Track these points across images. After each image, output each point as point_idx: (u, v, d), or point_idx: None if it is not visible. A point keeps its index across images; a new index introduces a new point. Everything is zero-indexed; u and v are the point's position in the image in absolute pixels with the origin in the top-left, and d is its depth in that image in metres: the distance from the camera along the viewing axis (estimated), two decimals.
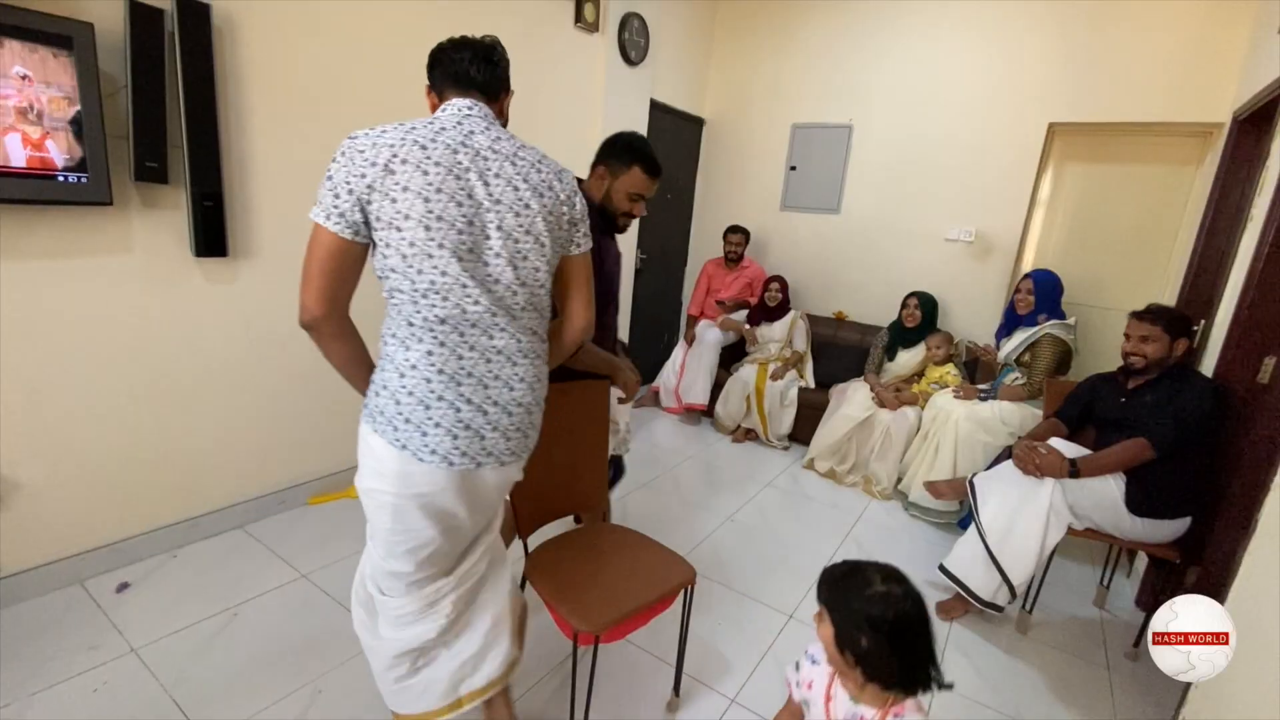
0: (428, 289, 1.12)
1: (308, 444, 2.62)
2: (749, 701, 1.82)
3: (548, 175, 1.23)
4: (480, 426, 1.18)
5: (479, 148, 1.16)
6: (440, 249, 1.10)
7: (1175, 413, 2.00)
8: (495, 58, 1.32)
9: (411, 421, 1.15)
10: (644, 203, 1.81)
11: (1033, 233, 3.72)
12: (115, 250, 1.97)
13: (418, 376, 1.14)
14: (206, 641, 1.85)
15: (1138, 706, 1.93)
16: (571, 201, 1.26)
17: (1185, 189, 3.29)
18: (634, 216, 1.83)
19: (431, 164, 1.10)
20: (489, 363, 1.18)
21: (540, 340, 1.28)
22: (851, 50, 4.05)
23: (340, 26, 2.39)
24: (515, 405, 1.23)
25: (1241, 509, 1.83)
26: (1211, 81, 3.05)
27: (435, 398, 1.15)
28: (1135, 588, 2.56)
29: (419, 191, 1.08)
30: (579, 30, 3.42)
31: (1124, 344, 2.19)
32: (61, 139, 1.74)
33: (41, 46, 1.67)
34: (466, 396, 1.16)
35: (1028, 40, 3.51)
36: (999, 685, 1.98)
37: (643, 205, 1.81)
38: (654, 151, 1.79)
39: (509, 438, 1.23)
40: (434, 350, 1.14)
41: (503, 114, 1.34)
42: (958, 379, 3.32)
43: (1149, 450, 2.01)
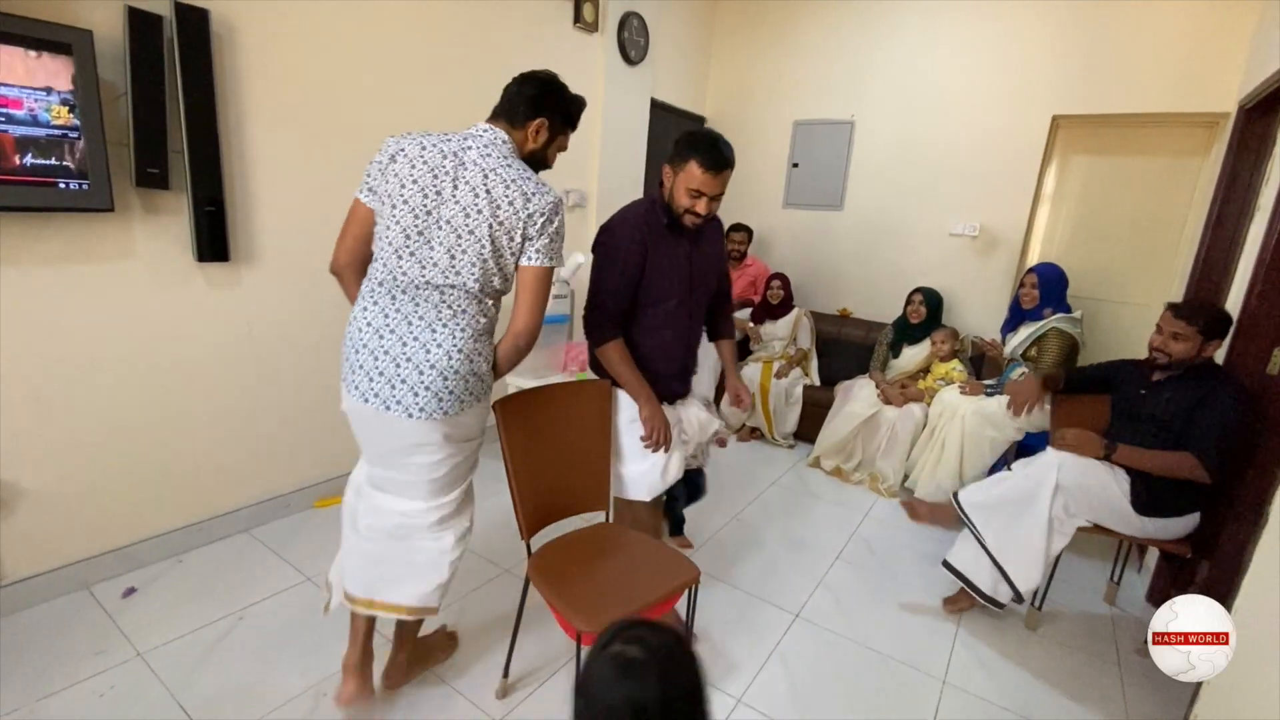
0: (380, 254, 1.40)
1: (313, 447, 2.63)
2: (755, 701, 1.81)
3: (513, 194, 1.39)
4: (392, 376, 1.38)
5: (465, 159, 1.39)
6: (397, 225, 1.36)
7: (1217, 425, 1.90)
8: (514, 86, 1.52)
9: (348, 361, 1.43)
10: (707, 200, 1.73)
11: (1038, 226, 3.69)
12: (118, 256, 1.98)
13: (355, 327, 1.42)
14: (212, 646, 1.86)
15: (1150, 704, 1.91)
16: (532, 220, 1.41)
17: (1192, 180, 3.25)
18: (700, 216, 1.76)
19: (420, 161, 1.37)
20: (410, 325, 1.39)
21: (472, 321, 1.43)
22: (852, 45, 4.03)
23: (339, 29, 2.40)
24: (429, 367, 1.38)
25: (1253, 502, 1.81)
26: (1217, 71, 3.02)
27: (362, 344, 1.40)
28: (1147, 583, 2.53)
29: (401, 178, 1.37)
30: (578, 30, 3.41)
31: (1154, 336, 2.10)
32: (62, 146, 1.75)
33: (42, 53, 1.68)
34: (385, 348, 1.39)
35: (1031, 32, 3.48)
36: (1008, 683, 1.96)
37: (706, 203, 1.74)
38: (720, 145, 1.70)
39: (417, 394, 1.39)
40: (368, 307, 1.41)
41: (526, 140, 1.51)
42: (963, 375, 3.30)
43: (1200, 470, 1.88)
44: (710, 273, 1.98)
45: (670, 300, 1.86)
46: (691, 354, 2.02)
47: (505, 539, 2.40)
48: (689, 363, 2.03)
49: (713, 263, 1.99)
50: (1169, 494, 1.98)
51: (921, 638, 2.15)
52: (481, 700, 1.74)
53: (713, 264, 1.99)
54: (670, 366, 1.94)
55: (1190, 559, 2.10)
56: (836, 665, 1.98)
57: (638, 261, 1.78)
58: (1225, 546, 1.95)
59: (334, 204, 2.49)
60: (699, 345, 2.05)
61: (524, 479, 1.65)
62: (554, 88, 1.54)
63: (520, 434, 1.66)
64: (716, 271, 2.03)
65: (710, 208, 1.76)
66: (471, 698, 1.74)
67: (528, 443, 1.68)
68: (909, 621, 2.23)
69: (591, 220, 3.72)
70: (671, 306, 1.87)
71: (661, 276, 1.82)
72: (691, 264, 1.88)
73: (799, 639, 2.09)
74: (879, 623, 2.20)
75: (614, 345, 1.82)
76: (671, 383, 1.98)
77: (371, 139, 2.58)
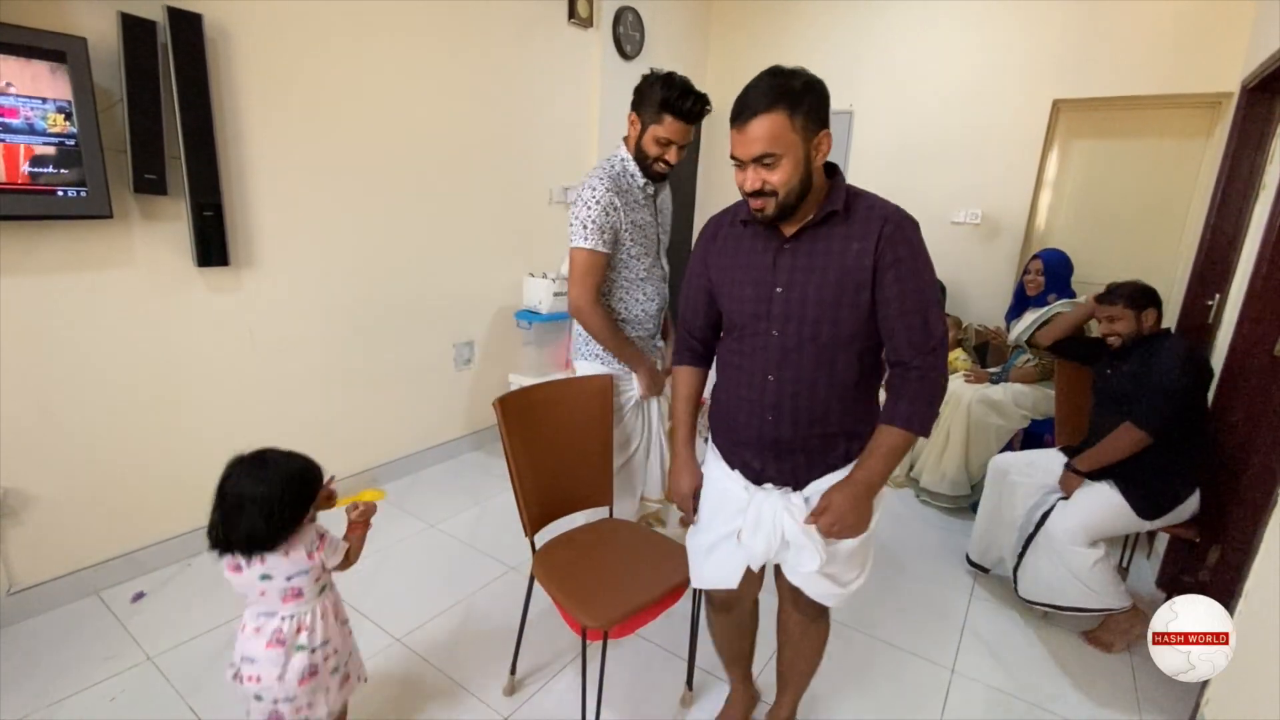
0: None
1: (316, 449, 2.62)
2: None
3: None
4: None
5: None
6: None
7: (1155, 387, 1.96)
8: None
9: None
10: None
11: (1040, 212, 3.67)
12: (117, 263, 1.98)
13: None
14: (221, 648, 1.86)
15: (1161, 691, 1.89)
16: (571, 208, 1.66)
17: (1195, 161, 3.22)
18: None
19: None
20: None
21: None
22: (849, 35, 4.00)
23: (332, 30, 2.39)
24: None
25: (1261, 485, 1.79)
26: (1219, 50, 2.98)
27: None
28: (1156, 569, 2.51)
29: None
30: (573, 26, 3.40)
31: (1099, 326, 2.21)
32: (59, 154, 1.75)
33: (36, 61, 1.68)
34: None
35: (1028, 15, 3.45)
36: (1018, 672, 1.96)
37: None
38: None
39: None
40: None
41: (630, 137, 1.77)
42: (966, 364, 3.28)
43: (1137, 432, 1.96)
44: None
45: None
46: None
47: (510, 538, 2.41)
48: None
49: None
50: (1167, 488, 1.98)
51: (929, 627, 2.14)
52: (489, 697, 1.74)
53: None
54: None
55: (1199, 542, 2.08)
56: (844, 654, 1.97)
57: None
58: (1234, 529, 1.93)
59: (332, 205, 2.52)
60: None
61: (526, 476, 1.65)
62: (646, 80, 1.64)
63: (522, 431, 1.66)
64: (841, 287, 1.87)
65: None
66: (480, 695, 1.75)
67: (529, 440, 1.68)
68: (916, 611, 2.22)
69: None
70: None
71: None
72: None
73: None
74: (886, 612, 2.19)
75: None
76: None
77: (367, 137, 2.61)
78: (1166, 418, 1.94)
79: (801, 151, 1.11)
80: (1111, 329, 2.14)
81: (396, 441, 2.98)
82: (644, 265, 1.83)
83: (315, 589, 1.30)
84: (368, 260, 2.66)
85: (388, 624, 2.00)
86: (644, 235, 1.81)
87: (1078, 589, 1.98)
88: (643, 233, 1.81)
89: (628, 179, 1.76)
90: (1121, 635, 2.06)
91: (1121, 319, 2.11)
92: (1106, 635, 2.07)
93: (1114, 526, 2.03)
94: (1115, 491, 2.00)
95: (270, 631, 1.26)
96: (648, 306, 1.87)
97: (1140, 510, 1.97)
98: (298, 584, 1.26)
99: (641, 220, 1.79)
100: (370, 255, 2.67)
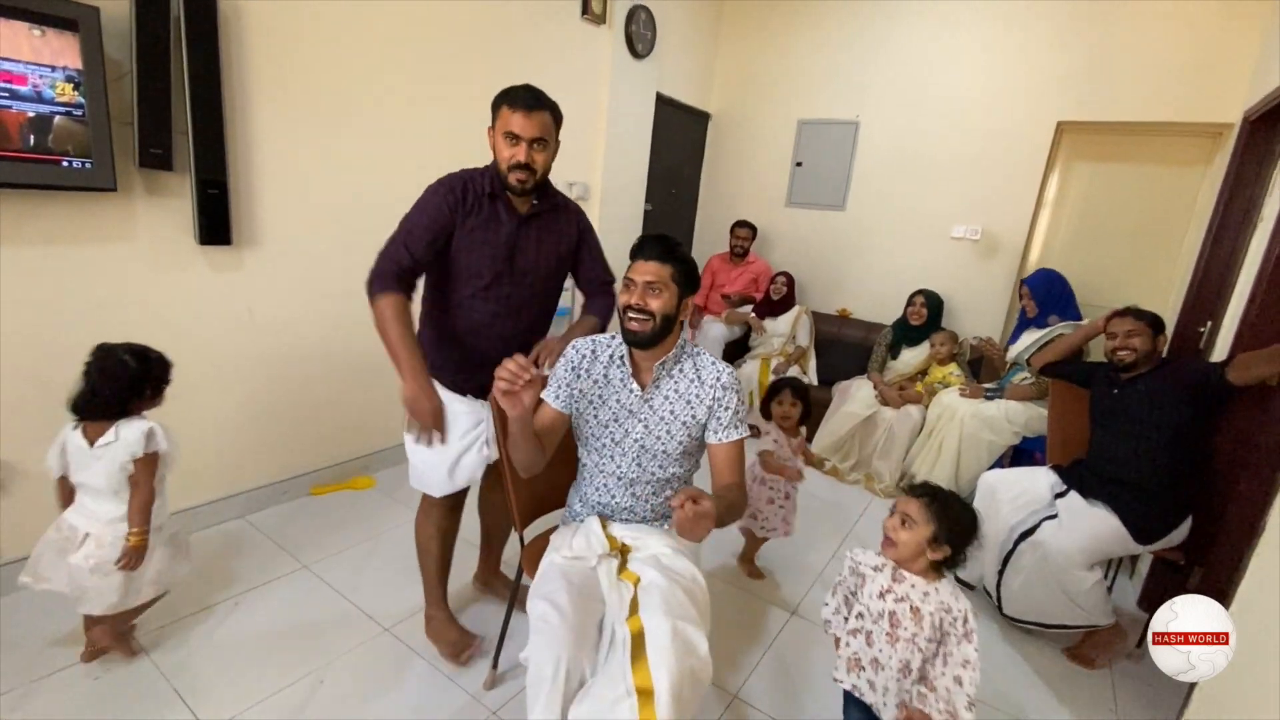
0: None
1: (311, 433, 2.62)
2: (751, 697, 1.81)
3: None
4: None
5: None
6: None
7: (1199, 365, 2.09)
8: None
9: None
10: (526, 146, 1.55)
11: (1039, 231, 3.71)
12: (119, 237, 1.96)
13: None
14: (208, 631, 1.85)
15: (1140, 708, 1.93)
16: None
17: (1193, 189, 3.27)
18: (525, 169, 1.57)
19: None
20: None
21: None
22: (859, 46, 4.03)
23: (347, 15, 2.37)
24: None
25: (1249, 511, 1.82)
26: (1222, 81, 3.03)
27: None
28: (1138, 589, 2.55)
29: None
30: (585, 22, 3.40)
31: (1109, 342, 2.24)
32: (66, 124, 1.73)
33: (47, 29, 1.66)
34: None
35: (1037, 38, 3.49)
36: (1000, 686, 1.98)
37: (526, 149, 1.56)
38: (529, 87, 1.58)
39: None
40: None
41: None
42: (960, 379, 3.31)
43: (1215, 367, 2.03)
44: (550, 257, 1.74)
45: (483, 278, 1.66)
46: (518, 344, 1.67)
47: None
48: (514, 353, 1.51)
49: (555, 249, 1.76)
50: (1164, 515, 2.01)
51: None
52: (476, 688, 1.74)
53: (555, 249, 1.76)
54: (486, 348, 1.69)
55: (1184, 565, 2.12)
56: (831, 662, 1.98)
57: (443, 222, 1.61)
58: (1219, 554, 1.96)
59: (337, 189, 2.50)
60: (541, 336, 1.79)
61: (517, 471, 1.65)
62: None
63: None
64: (559, 257, 1.78)
65: (532, 156, 1.57)
66: (466, 686, 1.75)
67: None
68: None
69: (594, 213, 3.71)
70: (486, 283, 1.66)
71: (473, 250, 1.64)
72: (515, 245, 1.67)
73: (796, 635, 2.10)
74: None
75: (390, 299, 1.59)
76: (487, 370, 1.45)
77: (376, 125, 2.60)
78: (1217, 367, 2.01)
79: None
80: (1130, 343, 2.17)
81: (389, 430, 2.96)
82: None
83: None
84: (370, 246, 2.63)
85: (376, 613, 1.99)
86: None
87: (1067, 608, 2.01)
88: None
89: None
90: (1104, 651, 2.09)
91: (1141, 335, 2.16)
92: (1089, 651, 2.10)
93: (1111, 550, 2.06)
94: (1113, 516, 2.02)
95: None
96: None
97: (1137, 535, 2.00)
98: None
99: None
100: (373, 241, 2.64)
